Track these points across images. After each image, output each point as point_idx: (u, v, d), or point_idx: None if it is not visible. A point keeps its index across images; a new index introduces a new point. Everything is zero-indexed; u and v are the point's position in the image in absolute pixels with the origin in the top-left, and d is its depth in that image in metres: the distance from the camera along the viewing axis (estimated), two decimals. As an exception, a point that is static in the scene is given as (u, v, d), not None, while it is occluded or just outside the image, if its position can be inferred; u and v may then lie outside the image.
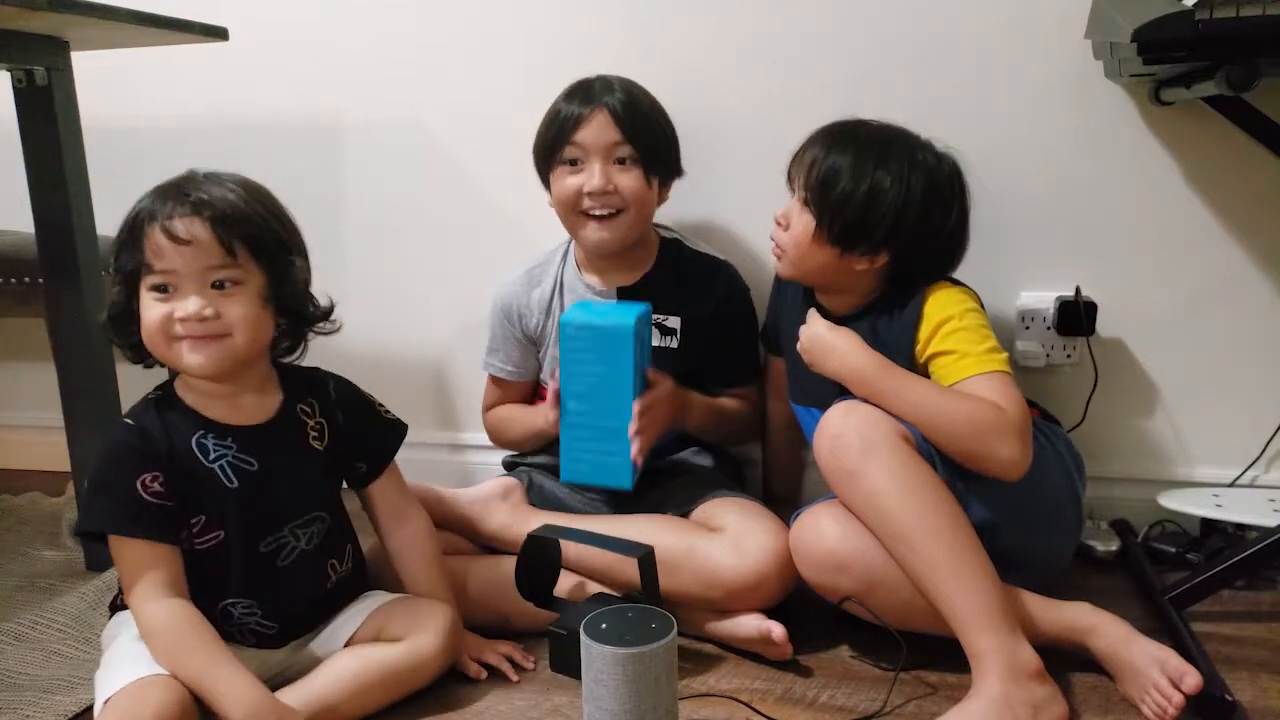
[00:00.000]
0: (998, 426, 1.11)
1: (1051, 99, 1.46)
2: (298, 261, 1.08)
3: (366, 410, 1.20)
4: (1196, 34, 1.05)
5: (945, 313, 1.20)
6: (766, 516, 1.27)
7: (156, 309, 1.01)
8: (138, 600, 1.01)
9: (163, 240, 0.99)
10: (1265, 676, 1.15)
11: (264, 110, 1.76)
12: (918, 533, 1.08)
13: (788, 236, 1.24)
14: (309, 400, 1.14)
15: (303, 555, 1.11)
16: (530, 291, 1.47)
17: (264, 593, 1.09)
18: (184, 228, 1.00)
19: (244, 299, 1.03)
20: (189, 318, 1.00)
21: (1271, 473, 1.51)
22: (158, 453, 1.04)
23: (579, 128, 1.33)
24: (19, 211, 1.42)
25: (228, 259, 1.01)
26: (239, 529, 1.07)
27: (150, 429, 1.05)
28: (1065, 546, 1.26)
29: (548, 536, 1.23)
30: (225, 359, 1.03)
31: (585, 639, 0.93)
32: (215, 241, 1.00)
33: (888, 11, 1.48)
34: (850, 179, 1.19)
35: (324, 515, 1.13)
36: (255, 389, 1.10)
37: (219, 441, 1.07)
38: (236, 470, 1.07)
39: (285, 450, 1.10)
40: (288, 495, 1.10)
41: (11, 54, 1.32)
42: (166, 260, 1.00)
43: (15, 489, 1.83)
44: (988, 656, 1.02)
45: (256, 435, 1.08)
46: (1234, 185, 1.44)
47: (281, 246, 1.06)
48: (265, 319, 1.06)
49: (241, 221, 1.02)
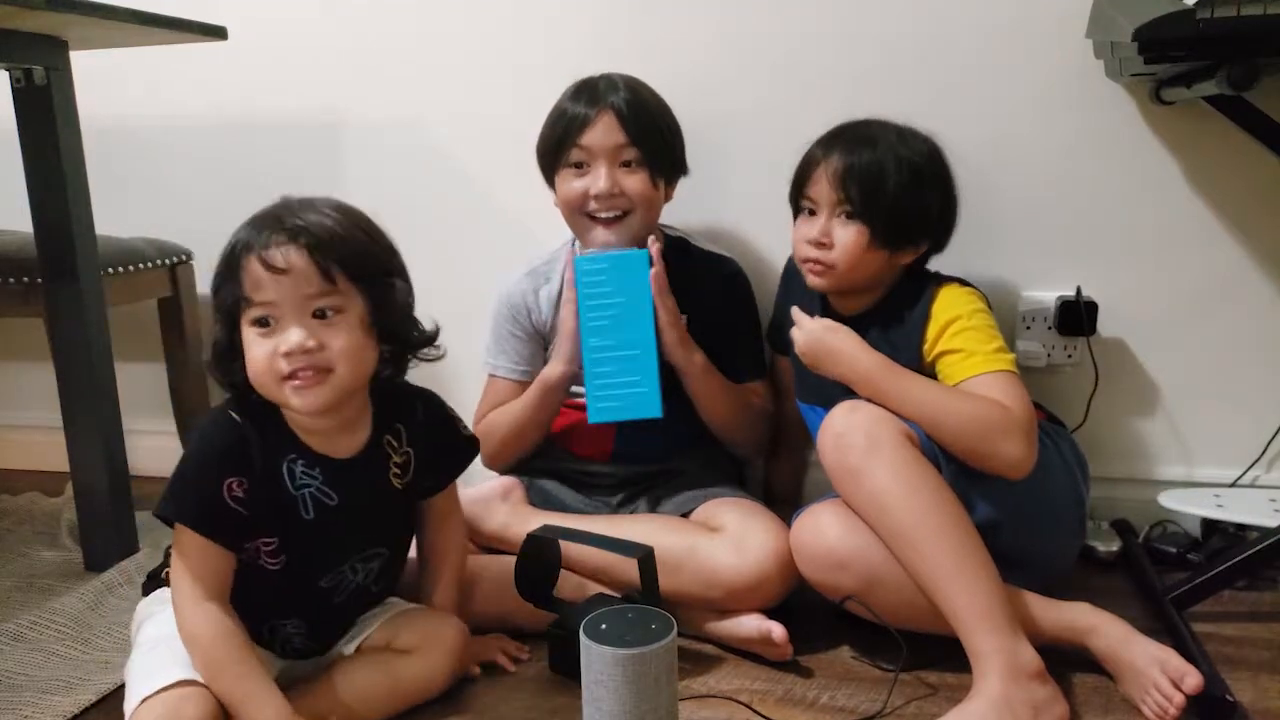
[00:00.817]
0: (1003, 425, 1.11)
1: (1051, 99, 1.45)
2: (399, 284, 1.05)
3: (449, 431, 1.18)
4: (1197, 33, 1.05)
5: (953, 312, 1.21)
6: (767, 516, 1.27)
7: (261, 347, 0.98)
8: (186, 597, 1.00)
9: (260, 271, 0.97)
10: (1266, 677, 1.15)
11: (264, 110, 1.76)
12: (920, 531, 1.08)
13: (836, 253, 1.22)
14: (396, 428, 1.11)
15: (357, 591, 1.11)
16: (538, 289, 1.45)
17: (315, 619, 1.10)
18: (281, 256, 0.97)
19: (346, 327, 1.00)
20: (293, 350, 0.97)
21: (1272, 473, 1.50)
22: (250, 462, 1.02)
23: (584, 130, 1.32)
24: (19, 211, 1.42)
25: (327, 285, 0.98)
26: (303, 560, 1.06)
27: (250, 432, 1.02)
28: (1068, 548, 1.26)
29: (548, 536, 1.23)
30: (331, 397, 1.00)
31: (585, 639, 0.93)
32: (313, 268, 0.97)
33: (888, 11, 1.48)
34: (894, 173, 1.20)
35: (386, 551, 1.12)
36: (351, 421, 1.07)
37: (307, 470, 1.04)
38: (316, 503, 1.05)
39: (366, 487, 1.08)
40: (356, 532, 1.09)
41: (10, 54, 1.32)
42: (265, 291, 0.97)
43: (15, 489, 1.83)
44: (988, 656, 1.02)
45: (343, 470, 1.06)
46: (1234, 185, 1.44)
47: (381, 269, 1.04)
48: (369, 347, 1.03)
49: (338, 246, 0.99)
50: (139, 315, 1.78)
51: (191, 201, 1.83)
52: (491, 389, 1.47)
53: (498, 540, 1.34)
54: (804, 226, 1.26)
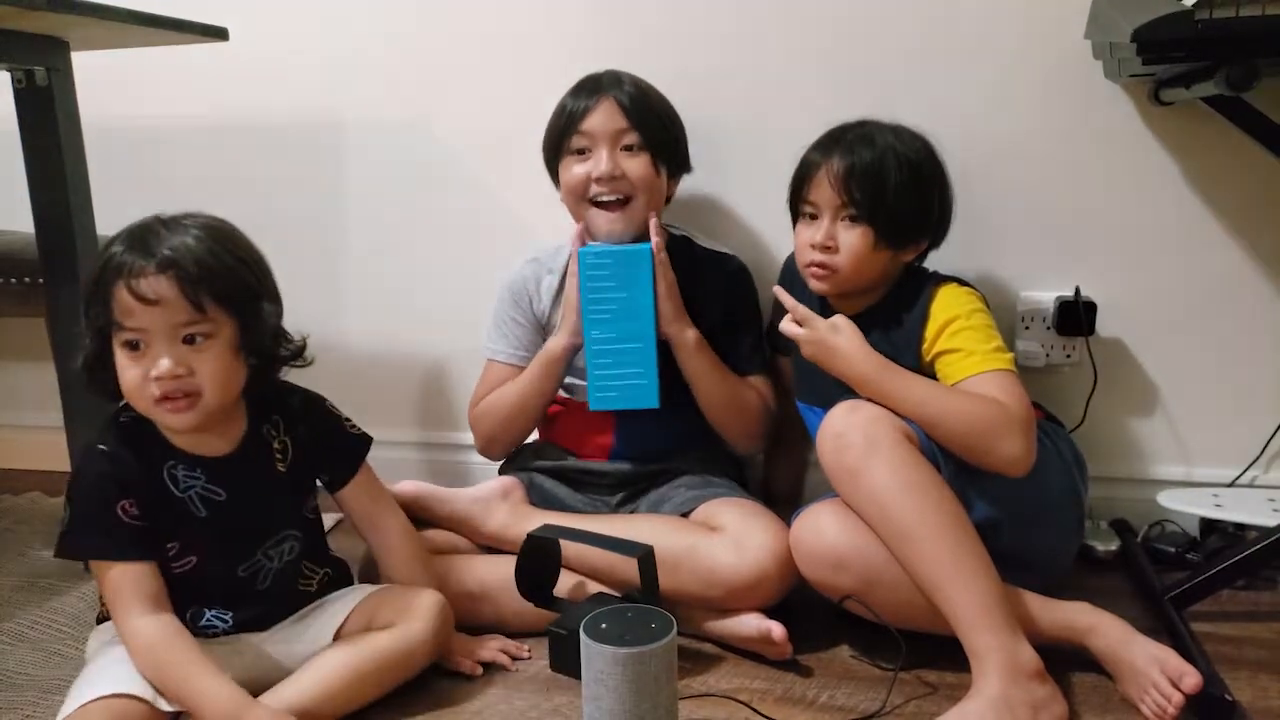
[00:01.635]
0: (1002, 423, 1.11)
1: (1050, 99, 1.46)
2: (267, 307, 1.08)
3: (331, 426, 1.20)
4: (1196, 34, 1.05)
5: (952, 312, 1.21)
6: (766, 516, 1.27)
7: (132, 370, 1.02)
8: (122, 618, 1.03)
9: (130, 301, 0.99)
10: (1265, 676, 1.15)
11: (264, 110, 1.76)
12: (919, 531, 1.08)
13: (841, 257, 1.23)
14: (273, 418, 1.14)
15: (279, 574, 1.14)
16: (540, 278, 1.46)
17: (244, 608, 1.11)
18: (150, 287, 0.99)
19: (215, 352, 1.03)
20: (163, 376, 1.00)
21: (1271, 473, 1.51)
22: (132, 479, 1.05)
23: (586, 117, 1.34)
24: (19, 211, 1.42)
25: (197, 314, 1.01)
26: (213, 555, 1.09)
27: (123, 456, 1.05)
28: (1067, 547, 1.27)
29: (548, 536, 1.23)
30: (200, 418, 1.04)
31: (585, 639, 0.93)
32: (183, 298, 1.00)
33: (887, 12, 1.48)
34: (894, 172, 1.21)
35: (295, 533, 1.15)
36: (221, 422, 1.10)
37: (188, 472, 1.08)
38: (205, 500, 1.08)
39: (251, 478, 1.11)
40: (256, 521, 1.12)
41: (11, 54, 1.32)
42: (136, 319, 1.00)
43: (15, 489, 1.83)
44: (988, 655, 1.03)
45: (223, 465, 1.10)
46: (1233, 186, 1.44)
47: (250, 294, 1.06)
48: (236, 368, 1.06)
49: (208, 276, 1.01)
50: (139, 315, 1.77)
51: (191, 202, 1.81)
52: (488, 374, 1.48)
53: (498, 540, 1.34)
54: (806, 231, 1.26)
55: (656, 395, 1.33)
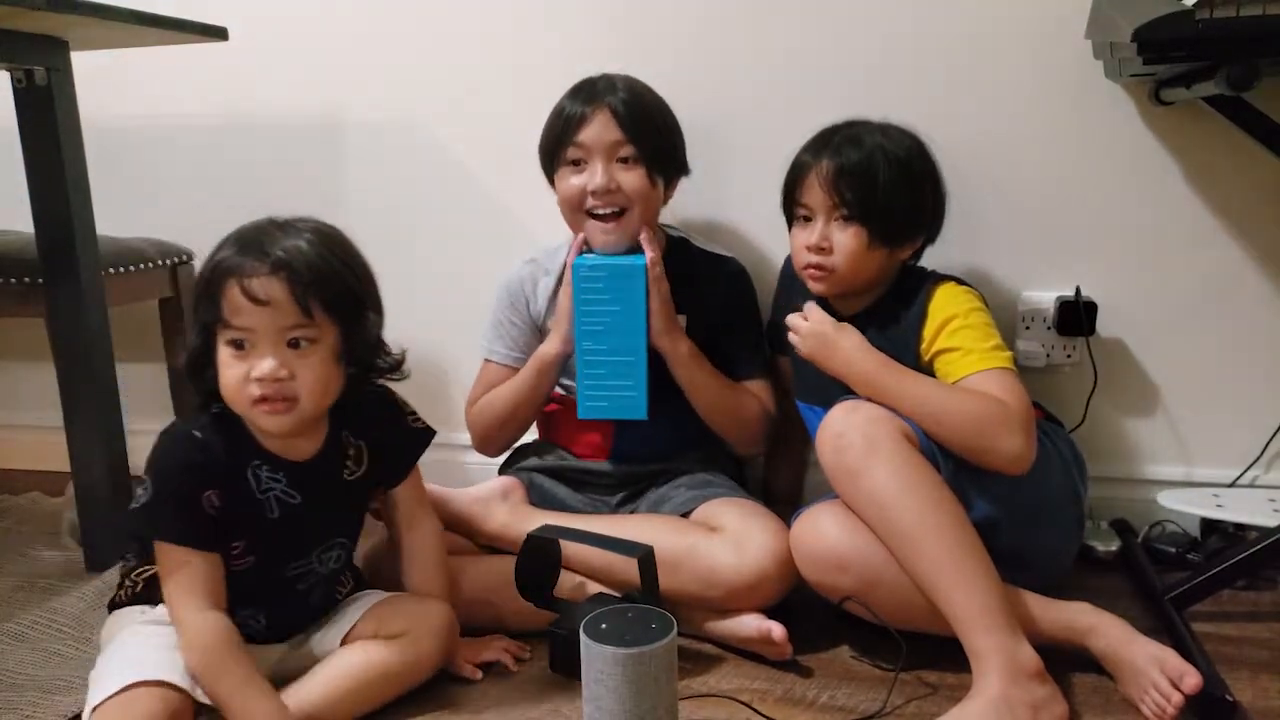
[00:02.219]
0: (1002, 420, 1.12)
1: (1051, 99, 1.46)
2: (371, 317, 1.09)
3: (398, 422, 1.20)
4: (1196, 34, 1.05)
5: (950, 311, 1.22)
6: (767, 516, 1.27)
7: (234, 369, 1.02)
8: (184, 608, 1.02)
9: (241, 300, 1.00)
10: (1266, 677, 1.15)
11: (264, 110, 1.76)
12: (919, 531, 1.08)
13: (836, 257, 1.24)
14: (351, 420, 1.14)
15: (322, 580, 1.14)
16: (537, 279, 1.46)
17: (277, 610, 1.12)
18: (262, 288, 1.00)
19: (318, 358, 1.04)
20: (265, 377, 1.01)
21: (1272, 473, 1.51)
22: (218, 472, 1.05)
23: (581, 127, 1.33)
24: (19, 211, 1.42)
25: (304, 319, 1.01)
26: (271, 557, 1.10)
27: (214, 447, 1.05)
28: (1067, 547, 1.27)
29: (548, 536, 1.23)
30: (296, 423, 1.05)
31: (585, 639, 0.93)
32: (292, 301, 1.00)
33: (887, 11, 1.48)
34: (883, 170, 1.21)
35: (345, 540, 1.16)
36: (310, 427, 1.10)
37: (271, 474, 1.08)
38: (281, 503, 1.08)
39: (325, 484, 1.12)
40: (320, 526, 1.13)
41: (11, 54, 1.32)
42: (244, 318, 1.00)
43: (15, 489, 1.83)
44: (988, 656, 1.03)
45: (304, 471, 1.10)
46: (1234, 185, 1.44)
47: (356, 303, 1.07)
48: (335, 376, 1.06)
49: (318, 280, 1.02)
50: (139, 315, 1.78)
51: (191, 201, 1.83)
52: (485, 373, 1.48)
53: (498, 540, 1.34)
54: (801, 233, 1.27)
55: (645, 407, 1.33)
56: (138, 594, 1.12)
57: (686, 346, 1.35)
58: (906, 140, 1.26)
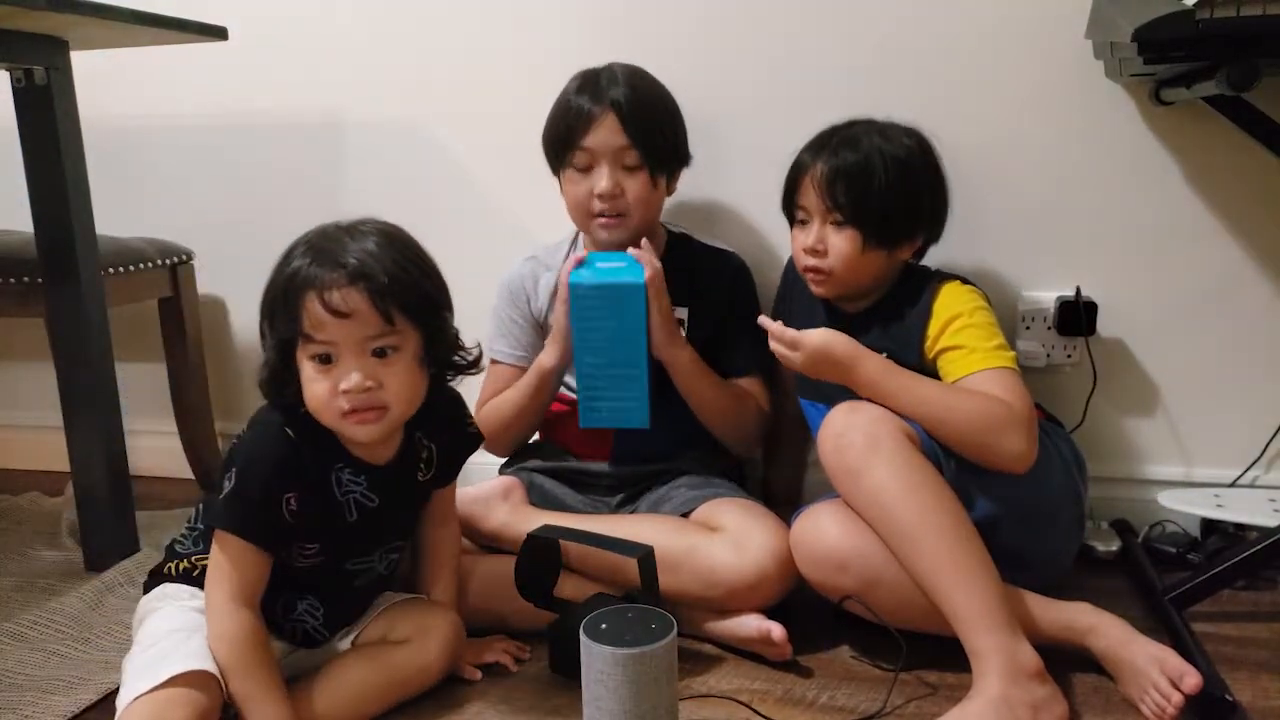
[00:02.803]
0: (1004, 420, 1.12)
1: (1051, 99, 1.46)
2: (449, 316, 1.09)
3: (460, 425, 1.21)
4: (1196, 34, 1.05)
5: (954, 310, 1.22)
6: (767, 516, 1.27)
7: (321, 384, 1.01)
8: (223, 597, 1.02)
9: (322, 313, 0.98)
10: (1266, 677, 1.15)
11: (264, 110, 1.76)
12: (920, 530, 1.08)
13: (832, 260, 1.24)
14: (424, 425, 1.13)
15: (378, 580, 1.15)
16: (538, 276, 1.47)
17: (333, 604, 1.12)
18: (342, 300, 0.98)
19: (403, 365, 1.03)
20: (353, 390, 1.00)
21: (1272, 473, 1.51)
22: (303, 474, 1.04)
23: (588, 132, 1.34)
24: (19, 211, 1.42)
25: (386, 327, 1.00)
26: (340, 554, 1.10)
27: (303, 449, 1.04)
28: (1067, 546, 1.27)
29: (548, 536, 1.23)
30: (387, 430, 1.05)
31: (585, 639, 0.93)
32: (374, 311, 0.99)
33: (888, 11, 1.48)
34: (879, 173, 1.21)
35: (404, 544, 1.18)
36: (392, 432, 1.10)
37: (353, 477, 1.08)
38: (360, 506, 1.09)
39: (401, 487, 1.12)
40: (393, 529, 1.14)
41: (11, 54, 1.32)
42: (326, 331, 0.99)
43: (15, 489, 1.83)
44: (988, 655, 1.02)
45: (384, 474, 1.10)
46: (1234, 185, 1.44)
47: (433, 305, 1.06)
48: (421, 380, 1.06)
49: (397, 287, 1.00)
50: (139, 315, 1.78)
51: (191, 201, 1.83)
52: (492, 374, 1.48)
53: (498, 539, 1.34)
54: (800, 235, 1.28)
55: (647, 417, 1.32)
56: (193, 576, 1.10)
57: (687, 355, 1.35)
58: (908, 140, 1.25)
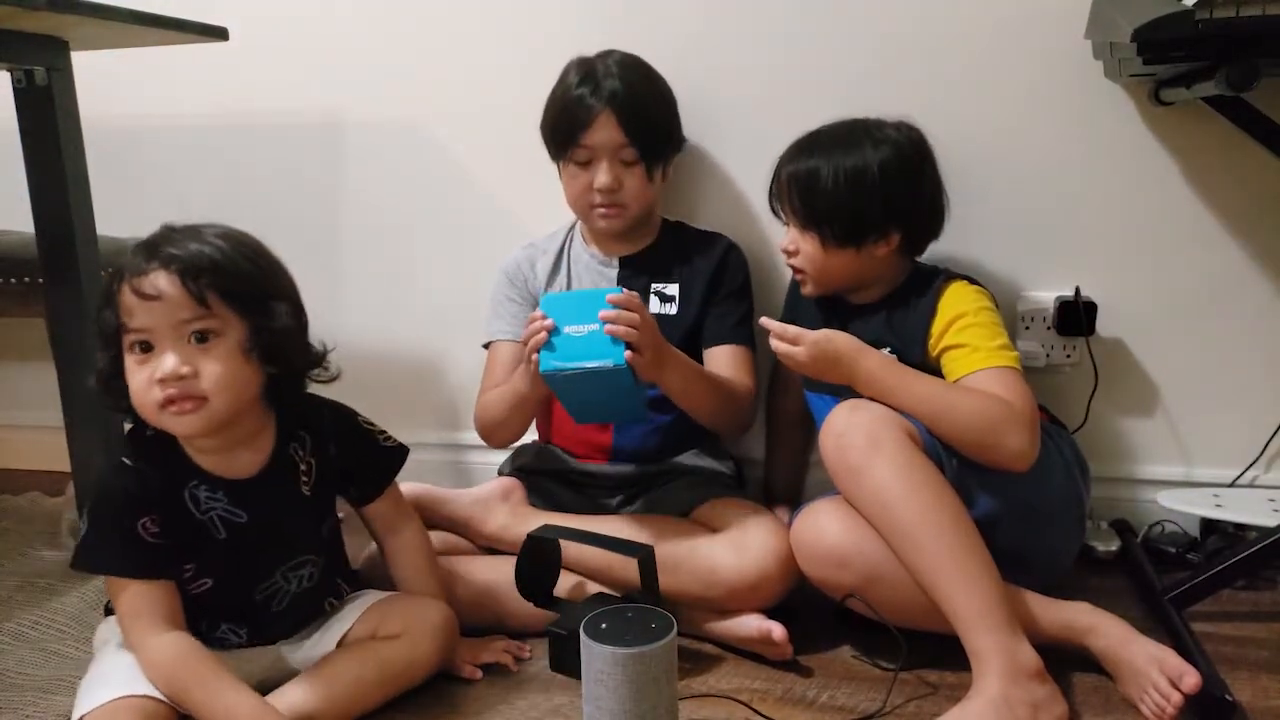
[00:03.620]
0: (1006, 418, 1.12)
1: (1051, 99, 1.45)
2: (281, 307, 1.04)
3: (363, 440, 1.19)
4: (1196, 34, 1.05)
5: (959, 309, 1.23)
6: (767, 515, 1.28)
7: (139, 374, 1.00)
8: (139, 637, 1.01)
9: (132, 299, 0.98)
10: (1266, 677, 1.15)
11: (264, 110, 1.76)
12: (921, 529, 1.08)
13: (801, 259, 1.29)
14: (301, 435, 1.12)
15: (296, 597, 1.12)
16: (534, 260, 1.50)
17: (254, 626, 1.11)
18: (152, 284, 0.98)
19: (224, 352, 1.01)
20: (167, 376, 0.98)
21: (1271, 473, 1.51)
22: (154, 497, 1.03)
23: (587, 130, 1.36)
24: (19, 211, 1.42)
25: (200, 310, 0.99)
26: (230, 578, 1.08)
27: (147, 472, 1.04)
28: (1067, 546, 1.27)
29: (548, 537, 1.23)
30: (206, 424, 1.02)
31: (585, 639, 0.93)
32: (184, 293, 0.98)
33: (887, 11, 1.48)
34: (827, 176, 1.24)
35: (314, 557, 1.13)
36: (246, 440, 1.08)
37: (210, 493, 1.06)
38: (226, 523, 1.06)
39: (275, 501, 1.09)
40: (275, 545, 1.10)
41: (11, 54, 1.32)
42: (139, 318, 0.99)
43: (15, 489, 1.83)
44: (988, 655, 1.03)
45: (247, 488, 1.07)
46: (1234, 185, 1.44)
47: (259, 293, 1.03)
48: (247, 371, 1.03)
49: (211, 271, 0.99)
50: (139, 315, 1.77)
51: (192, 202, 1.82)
52: (491, 358, 1.47)
53: (498, 540, 1.34)
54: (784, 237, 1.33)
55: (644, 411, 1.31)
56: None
57: (677, 374, 1.30)
58: (891, 136, 1.26)
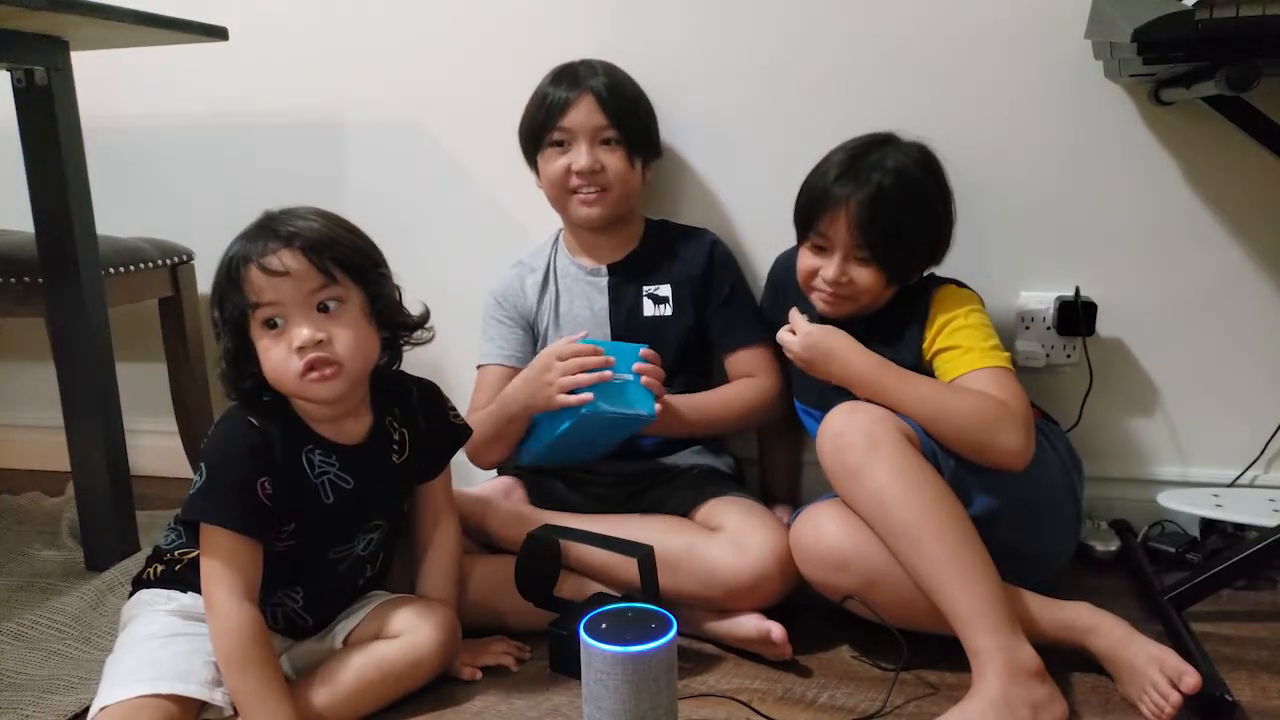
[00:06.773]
0: (1000, 417, 1.13)
1: (1051, 99, 1.46)
2: (387, 274, 1.12)
3: (441, 414, 1.22)
4: (1196, 34, 1.05)
5: (950, 311, 1.24)
6: (767, 516, 1.28)
7: (275, 350, 1.04)
8: (221, 593, 1.03)
9: (261, 277, 1.02)
10: (1265, 677, 1.15)
11: (264, 110, 1.77)
12: (919, 530, 1.08)
13: (852, 290, 1.24)
14: (394, 409, 1.16)
15: (355, 561, 1.16)
16: (523, 278, 1.51)
17: (315, 588, 1.14)
18: (279, 261, 1.02)
19: (350, 318, 1.06)
20: (305, 344, 1.02)
21: (1271, 473, 1.51)
22: (273, 458, 1.06)
23: (566, 112, 1.38)
24: (19, 211, 1.42)
25: (326, 280, 1.04)
26: (320, 538, 1.11)
27: (270, 433, 1.07)
28: (1064, 542, 1.27)
29: (548, 536, 1.23)
30: (346, 386, 1.06)
31: (585, 639, 0.93)
32: (310, 266, 1.03)
33: (887, 10, 1.48)
34: (912, 225, 1.22)
35: (384, 523, 1.17)
36: (355, 408, 1.12)
37: (325, 458, 1.10)
38: (335, 488, 1.10)
39: (376, 469, 1.14)
40: (370, 511, 1.15)
41: (12, 54, 1.32)
42: (268, 293, 1.03)
43: (15, 489, 1.83)
44: (987, 655, 1.03)
45: (355, 455, 1.12)
46: (1234, 185, 1.44)
47: (371, 263, 1.09)
48: (371, 335, 1.09)
49: (330, 244, 1.05)
50: (139, 315, 1.78)
51: (192, 201, 1.83)
52: (481, 380, 1.49)
53: (498, 540, 1.34)
54: (814, 259, 1.27)
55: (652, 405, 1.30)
56: (171, 575, 1.12)
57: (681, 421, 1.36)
58: (929, 176, 1.24)
